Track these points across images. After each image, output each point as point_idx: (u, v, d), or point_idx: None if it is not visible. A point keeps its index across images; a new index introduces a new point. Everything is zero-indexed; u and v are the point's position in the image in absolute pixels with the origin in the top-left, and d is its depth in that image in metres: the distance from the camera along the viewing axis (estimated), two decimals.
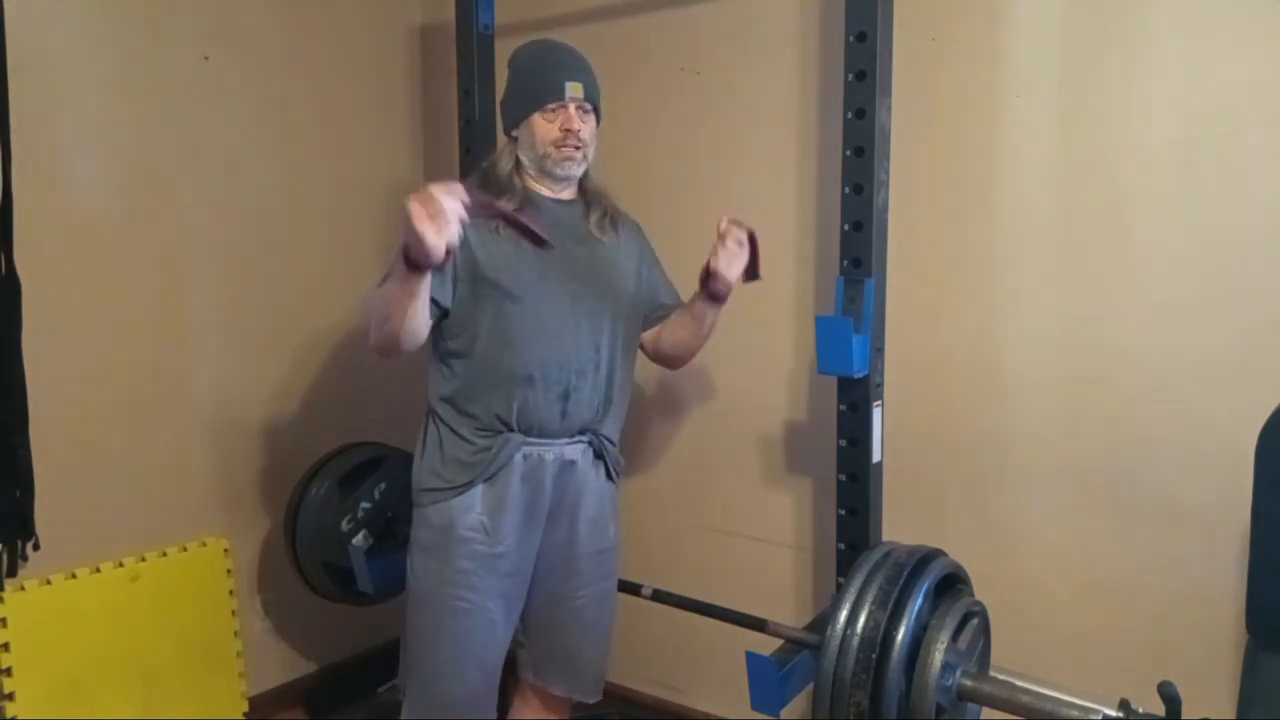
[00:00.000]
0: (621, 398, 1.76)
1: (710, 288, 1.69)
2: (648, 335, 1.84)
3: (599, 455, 1.74)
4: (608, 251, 1.73)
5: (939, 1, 1.87)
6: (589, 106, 1.68)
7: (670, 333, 1.82)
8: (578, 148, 1.66)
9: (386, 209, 2.58)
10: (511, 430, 1.64)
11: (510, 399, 1.63)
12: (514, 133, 1.70)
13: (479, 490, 1.64)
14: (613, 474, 1.78)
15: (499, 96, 1.79)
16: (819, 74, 2.03)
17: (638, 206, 2.24)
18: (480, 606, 1.66)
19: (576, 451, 1.70)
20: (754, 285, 2.17)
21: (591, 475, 1.74)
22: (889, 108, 1.75)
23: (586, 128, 1.67)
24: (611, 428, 1.76)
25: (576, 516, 1.73)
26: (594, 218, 1.72)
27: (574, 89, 1.64)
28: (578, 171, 1.70)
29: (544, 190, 1.70)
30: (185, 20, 2.15)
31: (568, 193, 1.73)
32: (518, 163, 1.69)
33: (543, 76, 1.66)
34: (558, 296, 1.65)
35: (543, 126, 1.65)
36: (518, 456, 1.64)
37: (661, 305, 1.84)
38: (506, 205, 1.57)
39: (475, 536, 1.64)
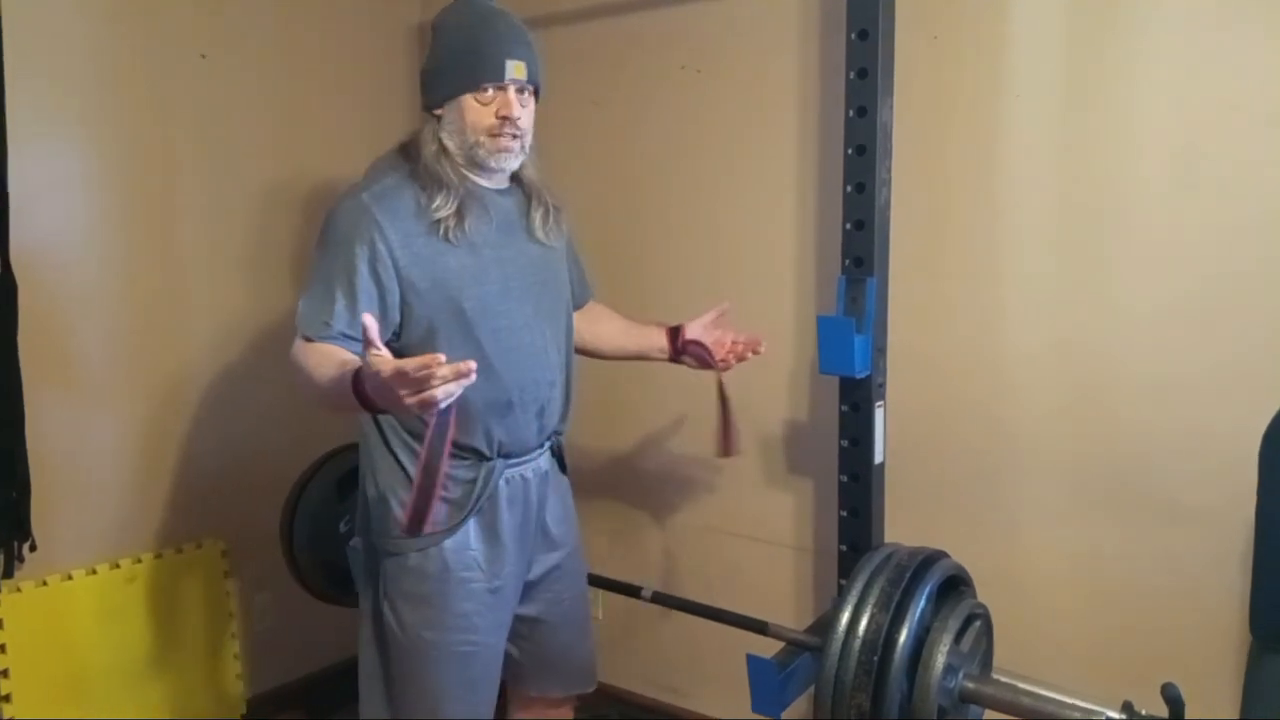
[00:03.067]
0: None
1: (681, 347, 1.69)
2: None
3: (554, 452, 1.66)
4: (554, 250, 1.61)
5: (941, 0, 1.86)
6: (531, 88, 1.46)
7: (605, 337, 1.78)
8: (515, 136, 1.44)
9: None
10: (492, 458, 1.52)
11: (490, 429, 1.50)
12: (438, 111, 1.46)
13: (471, 525, 1.51)
14: (565, 466, 1.71)
15: None
16: (820, 72, 2.02)
17: (636, 206, 2.24)
18: (485, 645, 1.57)
19: (545, 460, 1.63)
20: (754, 285, 2.18)
21: (555, 476, 1.67)
22: (890, 106, 1.74)
23: (526, 113, 1.45)
24: (565, 423, 1.67)
25: (555, 520, 1.67)
26: (538, 215, 1.54)
27: (516, 69, 1.41)
28: (514, 164, 1.49)
29: (479, 179, 1.50)
30: (183, 18, 2.14)
31: (502, 180, 1.54)
32: (443, 148, 1.46)
33: (478, 50, 1.41)
34: (522, 308, 1.51)
35: (476, 110, 1.42)
36: (501, 482, 1.54)
37: (578, 298, 1.74)
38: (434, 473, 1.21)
39: (473, 575, 1.52)
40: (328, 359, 1.36)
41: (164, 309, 2.17)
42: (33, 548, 1.93)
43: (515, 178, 1.57)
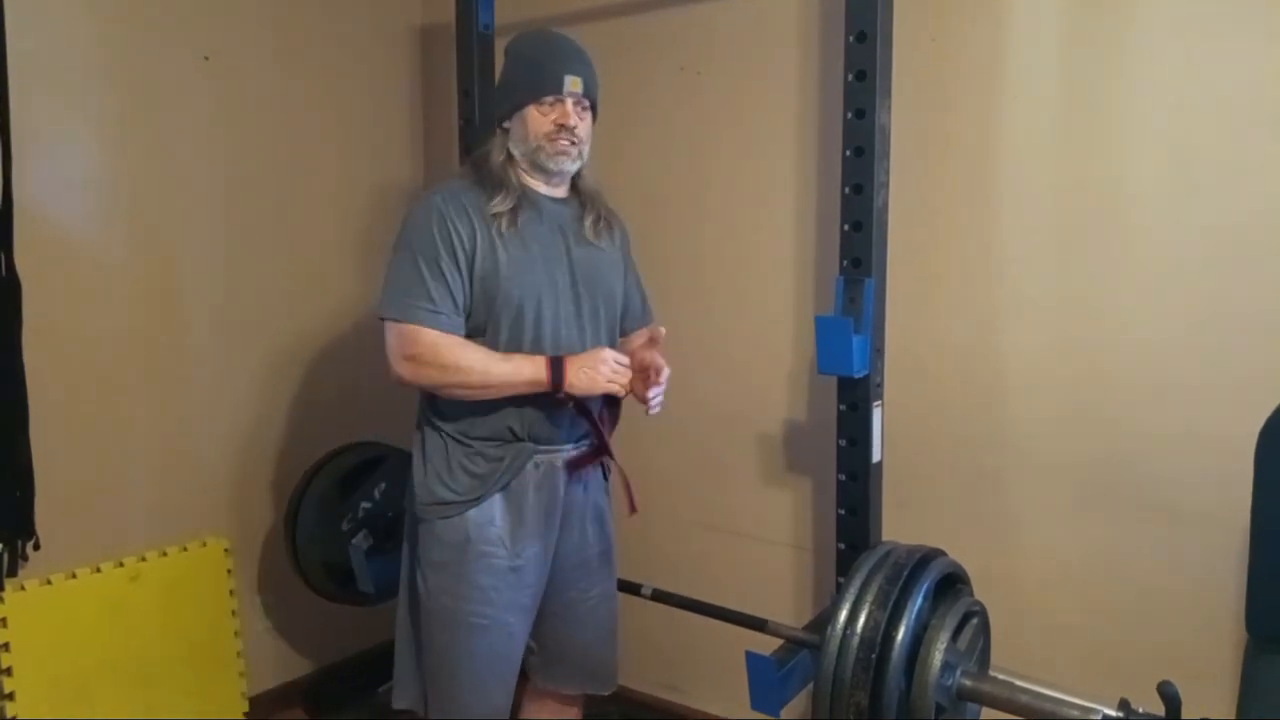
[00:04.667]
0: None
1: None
2: None
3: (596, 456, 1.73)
4: (604, 252, 1.70)
5: (939, 2, 1.87)
6: (587, 103, 1.63)
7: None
8: (572, 143, 1.60)
9: (387, 209, 2.58)
10: (522, 440, 1.62)
11: (522, 410, 1.60)
12: (506, 124, 1.64)
13: (497, 501, 1.61)
14: (607, 471, 1.78)
15: None
16: (819, 74, 2.03)
17: (637, 207, 2.24)
18: (499, 621, 1.63)
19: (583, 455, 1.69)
20: (754, 285, 2.19)
21: (595, 475, 1.74)
22: (889, 108, 1.75)
23: (583, 124, 1.62)
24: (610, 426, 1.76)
25: (585, 519, 1.73)
26: (589, 220, 1.68)
27: (573, 83, 1.59)
28: (572, 168, 1.64)
29: (540, 186, 1.65)
30: (185, 20, 2.15)
31: (562, 190, 1.68)
32: (509, 155, 1.63)
33: (541, 68, 1.60)
34: (565, 303, 1.63)
35: (536, 119, 1.59)
36: (530, 465, 1.62)
37: (630, 320, 1.82)
38: None
39: (494, 550, 1.61)
40: (477, 349, 1.56)
41: (167, 309, 2.18)
42: (36, 546, 1.94)
43: (574, 188, 1.70)
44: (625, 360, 1.60)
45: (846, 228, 1.76)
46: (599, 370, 1.56)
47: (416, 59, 2.68)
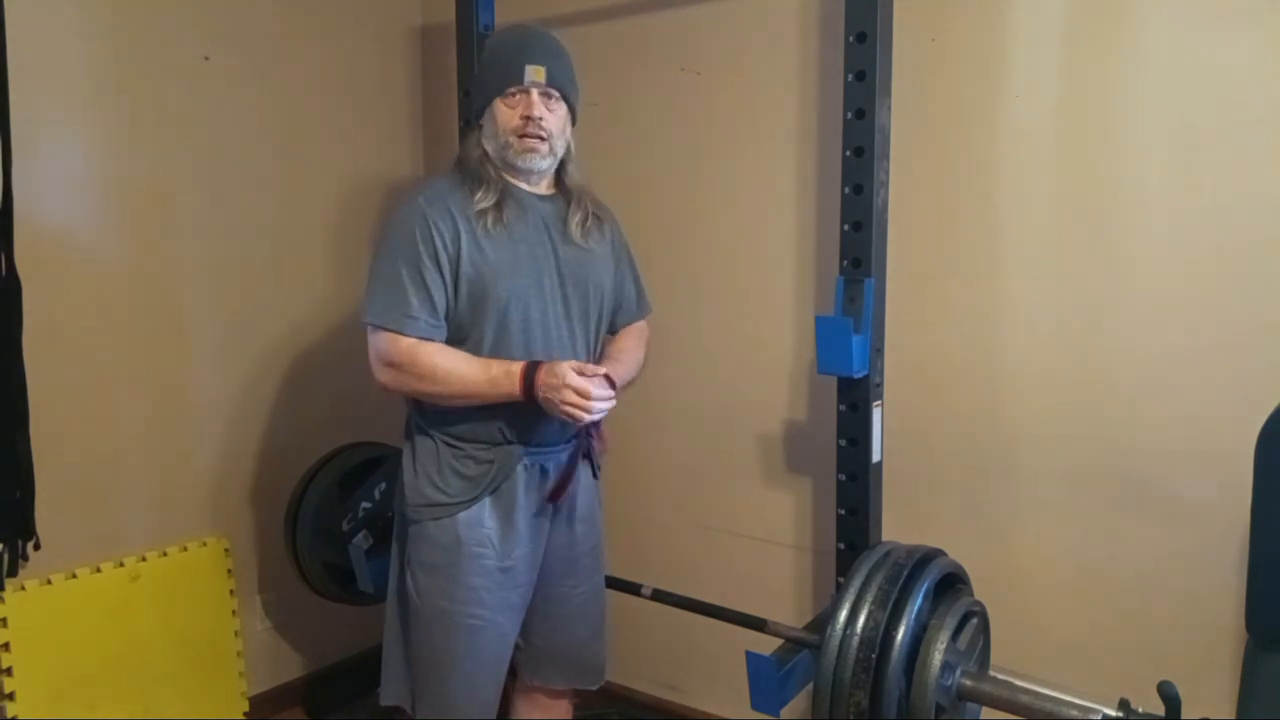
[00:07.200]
0: None
1: None
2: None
3: (586, 454, 1.72)
4: (592, 252, 1.68)
5: (939, 1, 1.87)
6: (554, 94, 1.58)
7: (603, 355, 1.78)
8: (541, 138, 1.56)
9: (387, 209, 2.58)
10: (511, 443, 1.61)
11: (512, 413, 1.59)
12: (480, 120, 1.63)
13: (486, 503, 1.61)
14: (596, 470, 1.77)
15: None
16: (819, 74, 2.03)
17: (637, 207, 2.25)
18: (492, 622, 1.64)
19: (570, 455, 1.69)
20: (753, 285, 2.19)
21: (583, 474, 1.73)
22: (889, 108, 1.75)
23: (552, 117, 1.58)
24: (597, 425, 1.73)
25: (573, 517, 1.73)
26: (576, 219, 1.65)
27: (535, 73, 1.55)
28: (542, 165, 1.60)
29: (521, 184, 1.63)
30: (186, 20, 2.15)
31: (545, 186, 1.66)
32: (485, 152, 1.61)
33: (505, 60, 1.57)
34: (553, 303, 1.62)
35: (504, 113, 1.57)
36: (519, 468, 1.62)
37: (624, 315, 1.80)
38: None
39: (485, 552, 1.61)
40: (455, 357, 1.55)
41: (167, 309, 2.18)
42: (37, 546, 1.94)
43: (560, 185, 1.68)
44: (586, 389, 1.51)
45: (846, 228, 1.76)
46: (562, 395, 1.50)
47: (416, 59, 2.68)
